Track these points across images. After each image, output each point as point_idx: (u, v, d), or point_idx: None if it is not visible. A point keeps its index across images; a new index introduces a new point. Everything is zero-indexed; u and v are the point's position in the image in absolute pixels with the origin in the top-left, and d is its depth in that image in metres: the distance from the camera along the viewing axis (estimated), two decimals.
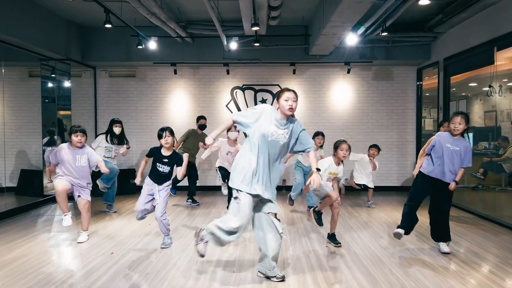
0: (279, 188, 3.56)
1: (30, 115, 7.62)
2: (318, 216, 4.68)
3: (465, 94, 7.41)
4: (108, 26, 5.76)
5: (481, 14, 6.13)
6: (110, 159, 5.97)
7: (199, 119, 6.88)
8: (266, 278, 3.45)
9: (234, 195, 3.38)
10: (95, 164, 4.68)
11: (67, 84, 7.79)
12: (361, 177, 6.85)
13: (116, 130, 6.11)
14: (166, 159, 4.27)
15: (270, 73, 8.64)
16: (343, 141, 4.41)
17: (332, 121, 8.65)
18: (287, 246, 4.47)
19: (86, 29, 8.05)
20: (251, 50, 7.99)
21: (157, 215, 4.25)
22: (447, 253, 4.18)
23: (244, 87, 8.68)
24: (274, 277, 3.41)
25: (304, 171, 6.16)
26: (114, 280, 3.45)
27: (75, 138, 4.53)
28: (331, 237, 4.55)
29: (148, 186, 4.30)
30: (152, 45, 7.29)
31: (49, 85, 7.54)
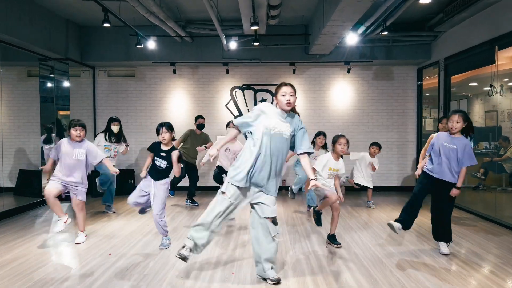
0: (279, 188, 3.53)
1: (28, 115, 7.58)
2: (317, 216, 4.65)
3: (465, 93, 7.38)
4: (107, 26, 5.74)
5: (481, 13, 6.11)
6: (110, 158, 5.93)
7: (197, 118, 6.84)
8: (264, 280, 3.43)
9: (223, 189, 3.37)
10: (99, 160, 4.65)
11: (66, 84, 7.76)
12: (362, 176, 6.82)
13: (114, 128, 6.09)
14: (164, 153, 4.27)
15: (269, 72, 8.61)
16: (341, 136, 4.43)
17: (332, 121, 8.63)
18: (287, 247, 4.44)
19: (85, 29, 8.03)
20: (251, 50, 7.96)
21: (154, 214, 4.22)
22: (446, 255, 4.15)
23: (244, 86, 8.65)
24: (269, 279, 3.38)
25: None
26: (112, 281, 3.42)
27: (74, 132, 4.52)
28: (331, 237, 4.52)
29: (145, 182, 4.29)
30: (151, 44, 7.26)
31: (48, 85, 7.52)
